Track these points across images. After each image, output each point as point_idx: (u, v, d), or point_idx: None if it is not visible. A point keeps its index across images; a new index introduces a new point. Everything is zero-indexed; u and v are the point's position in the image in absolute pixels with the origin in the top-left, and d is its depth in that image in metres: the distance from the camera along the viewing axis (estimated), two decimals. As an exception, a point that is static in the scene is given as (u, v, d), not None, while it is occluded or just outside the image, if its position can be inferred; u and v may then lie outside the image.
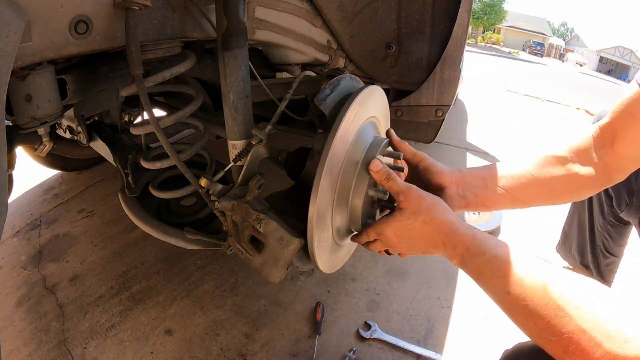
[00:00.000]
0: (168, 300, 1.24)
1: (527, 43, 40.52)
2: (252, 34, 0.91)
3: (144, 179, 1.11)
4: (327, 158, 0.68)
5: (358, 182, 0.76)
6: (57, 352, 1.07)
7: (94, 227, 1.60)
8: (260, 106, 0.99)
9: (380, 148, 0.79)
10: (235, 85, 0.77)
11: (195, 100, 0.87)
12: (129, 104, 1.28)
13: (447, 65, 1.10)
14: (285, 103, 0.88)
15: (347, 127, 0.74)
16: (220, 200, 0.79)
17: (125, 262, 1.40)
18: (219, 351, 1.08)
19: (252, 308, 1.22)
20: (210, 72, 1.12)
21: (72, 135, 1.22)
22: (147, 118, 0.71)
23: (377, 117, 0.88)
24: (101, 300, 1.24)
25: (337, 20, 1.09)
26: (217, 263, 1.40)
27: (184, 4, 0.72)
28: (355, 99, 0.73)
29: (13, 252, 1.47)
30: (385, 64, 1.19)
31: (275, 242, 0.75)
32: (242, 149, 0.82)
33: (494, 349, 1.11)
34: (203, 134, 0.98)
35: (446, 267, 1.43)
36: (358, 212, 0.78)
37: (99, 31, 0.60)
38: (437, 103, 1.16)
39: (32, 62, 0.55)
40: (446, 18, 1.07)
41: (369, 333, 1.13)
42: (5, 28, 0.43)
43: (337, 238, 0.84)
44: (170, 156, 0.75)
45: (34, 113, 0.67)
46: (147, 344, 1.09)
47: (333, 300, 1.26)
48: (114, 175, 1.99)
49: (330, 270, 0.87)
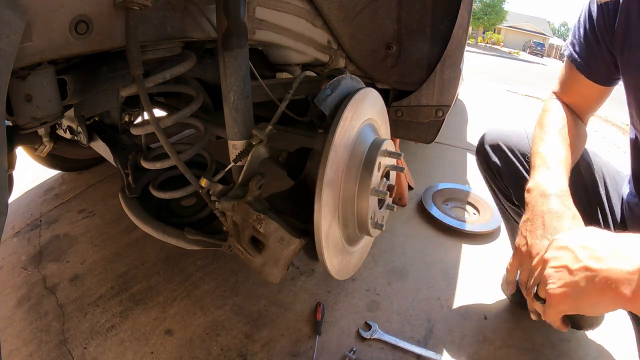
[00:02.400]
0: (168, 300, 1.24)
1: (527, 43, 40.48)
2: (252, 34, 0.91)
3: (144, 179, 1.11)
4: (329, 156, 0.67)
5: (361, 183, 0.76)
6: (57, 352, 1.07)
7: (94, 227, 1.60)
8: (260, 106, 0.99)
9: (380, 149, 0.79)
10: (235, 85, 0.77)
11: (195, 100, 0.87)
12: (129, 104, 1.27)
13: (447, 65, 1.10)
14: (285, 103, 0.88)
15: (347, 127, 0.74)
16: (221, 200, 0.79)
17: (125, 262, 1.40)
18: (219, 351, 1.08)
19: (252, 308, 1.22)
20: (210, 72, 1.12)
21: (72, 135, 1.22)
22: (147, 118, 0.71)
23: (375, 119, 0.88)
24: (101, 300, 1.24)
25: (337, 20, 1.09)
26: (217, 263, 1.40)
27: (184, 4, 0.72)
28: (353, 98, 0.73)
29: (13, 252, 1.47)
30: (385, 63, 1.19)
31: (275, 242, 0.75)
32: (242, 149, 0.82)
33: (494, 349, 1.11)
34: (203, 134, 0.98)
35: (446, 267, 1.43)
36: (364, 213, 0.78)
37: (99, 31, 0.60)
38: (437, 103, 1.16)
39: (32, 62, 0.55)
40: (446, 18, 1.07)
41: (369, 333, 1.13)
42: (5, 28, 0.43)
43: (346, 242, 0.84)
44: (170, 156, 0.75)
45: (34, 113, 0.67)
46: (147, 344, 1.09)
47: (333, 300, 1.26)
48: (114, 175, 1.99)
49: (343, 276, 0.87)
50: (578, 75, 0.88)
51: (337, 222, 0.77)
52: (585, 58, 0.86)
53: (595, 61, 0.85)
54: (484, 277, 1.38)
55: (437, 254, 1.51)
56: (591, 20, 0.82)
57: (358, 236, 0.87)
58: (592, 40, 0.84)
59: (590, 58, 0.85)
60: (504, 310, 1.25)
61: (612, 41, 0.80)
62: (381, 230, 0.84)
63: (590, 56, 0.85)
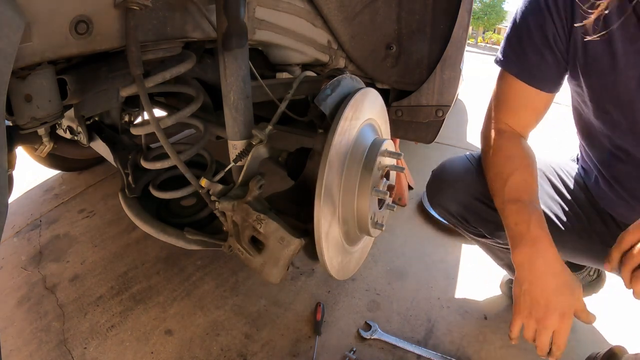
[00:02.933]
0: (168, 300, 1.24)
1: (527, 43, 40.38)
2: (252, 34, 0.91)
3: (144, 179, 1.11)
4: (329, 156, 0.67)
5: (361, 182, 0.76)
6: (57, 352, 1.07)
7: (94, 227, 1.60)
8: (261, 106, 0.99)
9: (380, 148, 0.79)
10: (235, 85, 0.77)
11: (195, 100, 0.87)
12: (129, 104, 1.27)
13: (447, 65, 1.10)
14: (285, 103, 0.88)
15: (347, 127, 0.74)
16: (221, 200, 0.79)
17: (125, 262, 1.40)
18: (219, 351, 1.08)
19: (252, 308, 1.22)
20: (210, 72, 1.12)
21: (72, 135, 1.22)
22: (147, 118, 0.71)
23: (375, 119, 0.88)
24: (101, 300, 1.24)
25: (337, 20, 1.09)
26: (217, 263, 1.40)
27: (184, 4, 0.72)
28: (353, 98, 0.73)
29: (13, 252, 1.47)
30: (386, 64, 1.19)
31: (275, 242, 0.75)
32: (242, 149, 0.82)
33: (494, 349, 1.11)
34: (203, 134, 0.98)
35: (446, 267, 1.43)
36: (364, 213, 0.78)
37: (99, 31, 0.60)
38: (437, 103, 1.16)
39: (32, 62, 0.55)
40: (446, 18, 1.07)
41: (369, 333, 1.13)
42: (5, 28, 0.43)
43: (346, 242, 0.84)
44: (170, 156, 0.75)
45: (33, 113, 0.67)
46: (147, 344, 1.09)
47: (333, 300, 1.26)
48: (114, 175, 1.99)
49: (343, 276, 0.87)
50: (524, 87, 0.82)
51: (337, 222, 0.77)
52: (532, 67, 0.81)
53: (545, 69, 0.80)
54: (484, 277, 1.38)
55: (437, 254, 1.51)
56: (540, 27, 0.76)
57: (358, 236, 0.87)
58: (541, 48, 0.78)
59: (538, 66, 0.80)
60: (504, 310, 1.25)
61: (567, 49, 0.76)
62: (381, 230, 0.84)
63: (539, 64, 0.80)
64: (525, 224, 0.74)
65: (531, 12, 0.78)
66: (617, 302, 1.29)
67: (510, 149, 0.85)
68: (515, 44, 0.82)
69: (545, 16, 0.75)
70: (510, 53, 0.83)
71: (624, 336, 1.17)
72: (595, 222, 0.92)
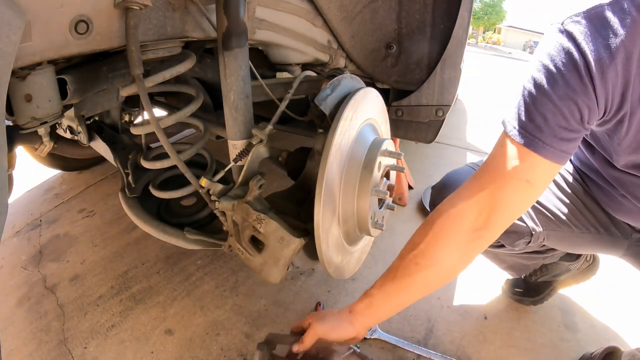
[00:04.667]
0: (168, 300, 1.24)
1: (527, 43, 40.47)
2: (252, 34, 0.91)
3: (144, 179, 1.11)
4: (329, 156, 0.67)
5: (361, 182, 0.76)
6: (57, 351, 1.07)
7: (94, 226, 1.60)
8: (261, 106, 0.99)
9: (381, 148, 0.79)
10: (235, 85, 0.77)
11: (195, 100, 0.87)
12: (129, 104, 1.27)
13: (447, 65, 1.10)
14: (285, 103, 0.88)
15: (347, 127, 0.74)
16: (221, 200, 0.79)
17: (125, 262, 1.40)
18: (219, 351, 1.08)
19: (252, 308, 1.22)
20: (210, 71, 1.12)
21: (72, 134, 1.22)
22: (147, 118, 0.71)
23: (375, 119, 0.88)
24: (101, 300, 1.24)
25: (338, 20, 1.09)
26: (217, 263, 1.40)
27: (184, 3, 0.72)
28: (353, 98, 0.73)
29: (13, 252, 1.47)
30: (386, 63, 1.19)
31: (275, 242, 0.75)
32: (242, 149, 0.82)
33: (494, 349, 1.11)
34: (203, 133, 0.98)
35: (446, 267, 1.43)
36: (364, 213, 0.78)
37: (99, 31, 0.60)
38: (437, 103, 1.16)
39: (32, 61, 0.55)
40: (446, 18, 1.07)
41: (369, 333, 1.13)
42: (5, 28, 0.43)
43: (346, 242, 0.84)
44: (170, 156, 0.75)
45: (33, 113, 0.67)
46: (147, 344, 1.09)
47: (333, 300, 1.26)
48: (114, 175, 1.99)
49: (343, 276, 0.87)
50: (538, 160, 0.64)
51: (337, 222, 0.77)
52: (552, 135, 0.63)
53: (567, 137, 0.63)
54: (484, 277, 1.38)
55: (437, 253, 1.51)
56: (567, 84, 0.59)
57: (358, 236, 0.87)
58: (565, 111, 0.61)
59: (560, 134, 0.63)
60: (504, 310, 1.25)
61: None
62: (381, 230, 0.84)
63: (561, 132, 0.62)
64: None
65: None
66: (616, 302, 1.29)
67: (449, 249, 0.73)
68: (528, 107, 0.65)
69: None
70: (523, 118, 0.65)
71: (623, 336, 1.17)
72: (594, 210, 0.94)
